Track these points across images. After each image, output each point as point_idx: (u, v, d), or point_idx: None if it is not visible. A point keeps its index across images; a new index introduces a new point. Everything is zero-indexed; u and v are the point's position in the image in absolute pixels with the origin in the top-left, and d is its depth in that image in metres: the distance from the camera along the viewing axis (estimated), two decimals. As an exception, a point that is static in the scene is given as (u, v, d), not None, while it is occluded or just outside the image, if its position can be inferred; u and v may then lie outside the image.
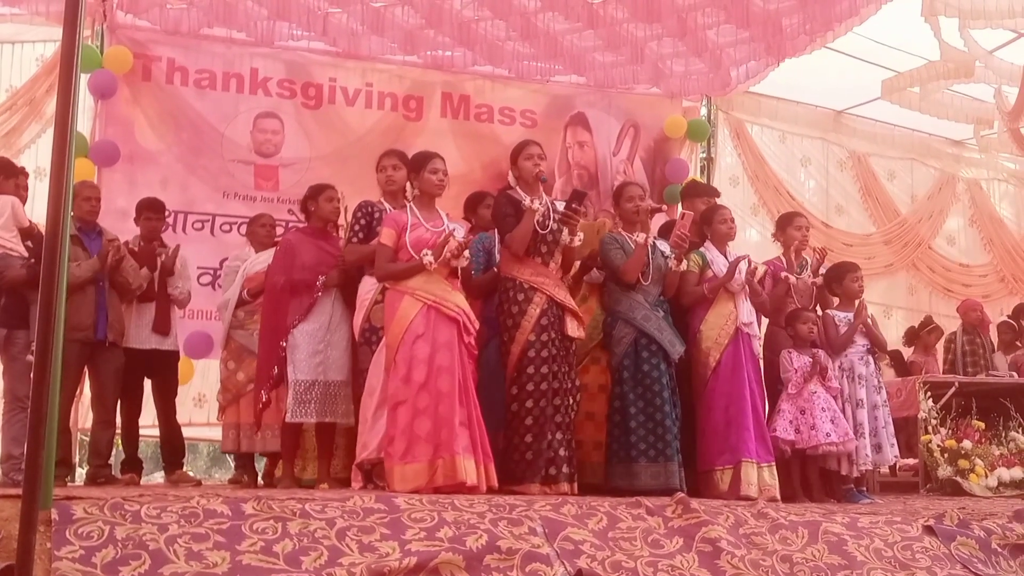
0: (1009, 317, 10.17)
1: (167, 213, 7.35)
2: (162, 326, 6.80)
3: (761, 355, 6.25)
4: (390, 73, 9.40)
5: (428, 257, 5.22)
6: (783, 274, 6.43)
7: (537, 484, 5.38)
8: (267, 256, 6.63)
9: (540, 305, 5.57)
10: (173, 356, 7.01)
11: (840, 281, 6.67)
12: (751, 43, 9.03)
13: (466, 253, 5.39)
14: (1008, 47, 9.31)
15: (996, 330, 9.98)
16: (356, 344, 5.87)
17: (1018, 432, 7.69)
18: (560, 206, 5.74)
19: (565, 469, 5.50)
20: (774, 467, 5.93)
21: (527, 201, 5.60)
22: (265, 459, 7.03)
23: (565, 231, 5.67)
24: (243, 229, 8.23)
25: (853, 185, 11.59)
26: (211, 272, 8.44)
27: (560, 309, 5.64)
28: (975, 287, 11.83)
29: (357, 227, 5.91)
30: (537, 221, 5.61)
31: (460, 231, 5.51)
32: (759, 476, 5.82)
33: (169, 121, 8.65)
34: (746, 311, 6.11)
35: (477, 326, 5.42)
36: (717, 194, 7.07)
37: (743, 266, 6.19)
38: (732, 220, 6.43)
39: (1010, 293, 12.06)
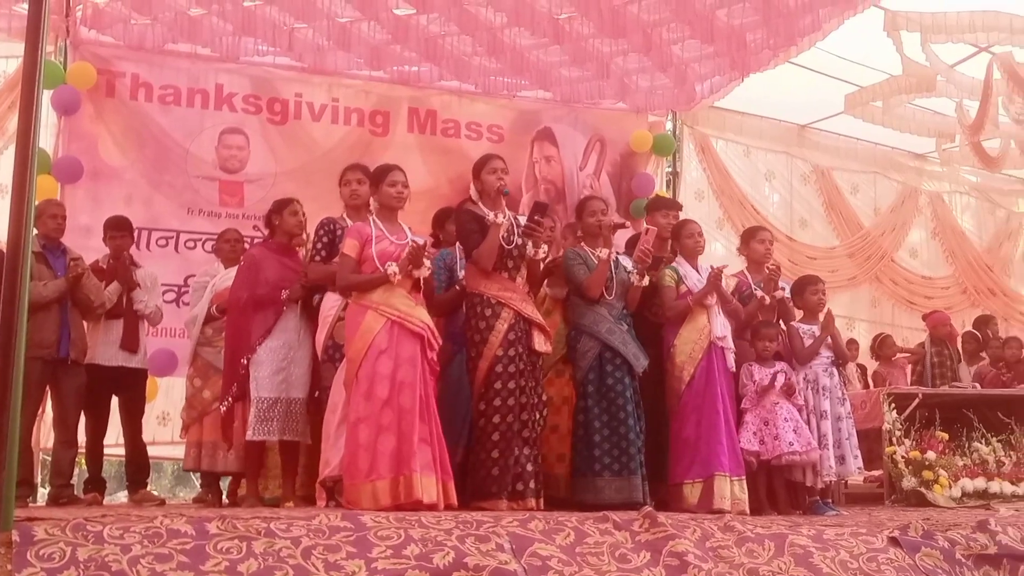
0: (973, 328, 10.28)
1: (134, 230, 7.28)
2: (130, 343, 6.74)
3: (734, 368, 6.27)
4: (356, 88, 9.41)
5: (392, 268, 5.18)
6: (759, 293, 6.46)
7: (504, 500, 5.36)
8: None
9: (508, 320, 5.56)
10: (141, 374, 6.95)
11: (802, 294, 6.72)
12: (715, 58, 9.09)
13: (427, 262, 5.34)
14: (969, 61, 9.43)
15: (960, 341, 10.07)
16: (318, 361, 5.84)
17: (981, 443, 7.76)
18: (523, 220, 5.75)
19: (532, 484, 5.49)
20: (744, 481, 5.96)
21: (490, 216, 5.59)
22: (229, 478, 6.98)
23: (529, 244, 5.67)
24: (208, 246, 8.20)
25: (817, 199, 11.71)
26: (175, 289, 8.41)
27: (527, 324, 5.64)
28: (937, 299, 11.97)
29: (319, 245, 5.87)
30: (502, 236, 5.61)
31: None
32: (731, 490, 5.85)
33: (133, 137, 8.61)
34: (719, 325, 6.14)
35: (440, 342, 5.39)
36: (679, 207, 7.10)
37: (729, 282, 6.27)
38: (700, 234, 6.45)
39: (972, 305, 12.22)
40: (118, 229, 6.99)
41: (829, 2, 7.93)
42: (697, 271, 6.31)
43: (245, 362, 5.82)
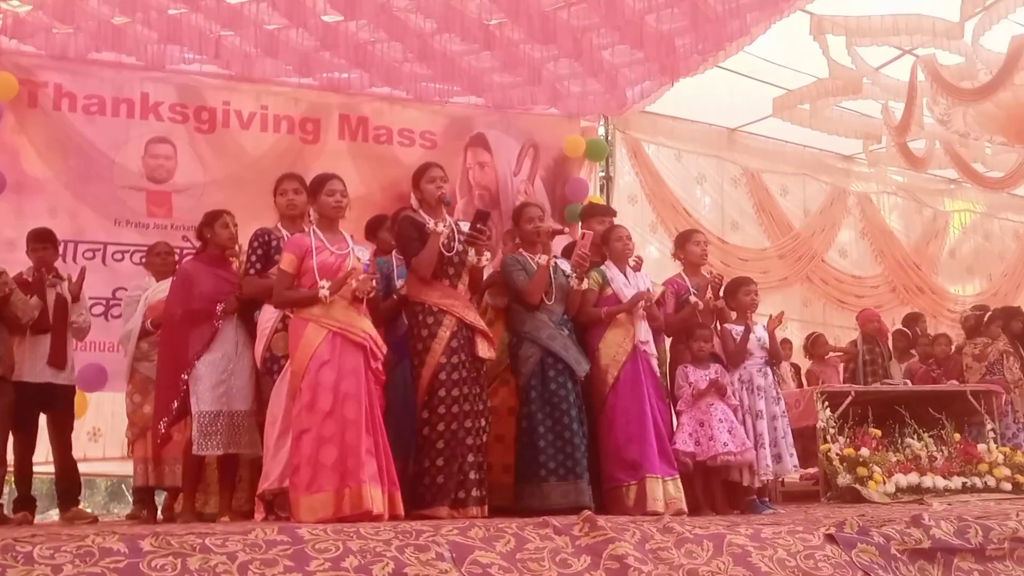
0: (902, 325, 10.46)
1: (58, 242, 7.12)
2: (58, 359, 6.58)
3: (659, 372, 6.29)
4: (285, 96, 9.31)
5: (324, 291, 5.08)
6: (692, 299, 6.49)
7: (446, 507, 5.33)
8: (169, 285, 6.45)
9: (450, 328, 5.54)
10: (69, 390, 6.79)
11: (734, 295, 6.79)
12: (646, 63, 9.16)
13: (372, 283, 5.27)
14: (894, 64, 9.62)
15: (891, 338, 10.23)
16: (259, 373, 5.75)
17: (913, 439, 7.88)
18: (465, 227, 5.73)
19: (475, 493, 5.47)
20: (679, 480, 5.98)
21: (431, 224, 5.57)
22: (165, 493, 6.86)
23: (472, 252, 5.66)
24: (136, 257, 8.07)
25: (747, 201, 11.86)
26: (103, 302, 8.25)
27: (470, 331, 5.62)
28: (867, 298, 12.17)
29: (254, 257, 5.72)
30: (443, 244, 5.58)
31: (364, 254, 5.43)
32: (664, 490, 5.85)
33: (57, 148, 8.44)
34: (643, 330, 6.15)
35: (385, 351, 5.32)
36: (614, 214, 7.15)
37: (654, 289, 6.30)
38: (628, 238, 6.48)
39: (901, 303, 12.46)
40: (40, 241, 6.83)
41: (756, 7, 8.03)
42: (624, 275, 6.33)
43: (185, 377, 5.71)
